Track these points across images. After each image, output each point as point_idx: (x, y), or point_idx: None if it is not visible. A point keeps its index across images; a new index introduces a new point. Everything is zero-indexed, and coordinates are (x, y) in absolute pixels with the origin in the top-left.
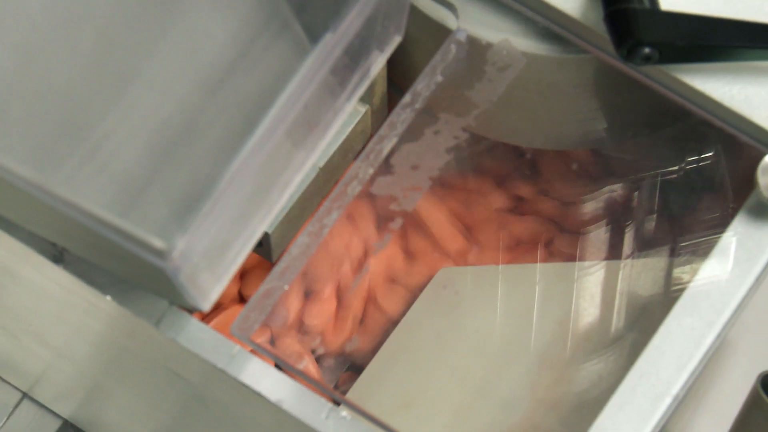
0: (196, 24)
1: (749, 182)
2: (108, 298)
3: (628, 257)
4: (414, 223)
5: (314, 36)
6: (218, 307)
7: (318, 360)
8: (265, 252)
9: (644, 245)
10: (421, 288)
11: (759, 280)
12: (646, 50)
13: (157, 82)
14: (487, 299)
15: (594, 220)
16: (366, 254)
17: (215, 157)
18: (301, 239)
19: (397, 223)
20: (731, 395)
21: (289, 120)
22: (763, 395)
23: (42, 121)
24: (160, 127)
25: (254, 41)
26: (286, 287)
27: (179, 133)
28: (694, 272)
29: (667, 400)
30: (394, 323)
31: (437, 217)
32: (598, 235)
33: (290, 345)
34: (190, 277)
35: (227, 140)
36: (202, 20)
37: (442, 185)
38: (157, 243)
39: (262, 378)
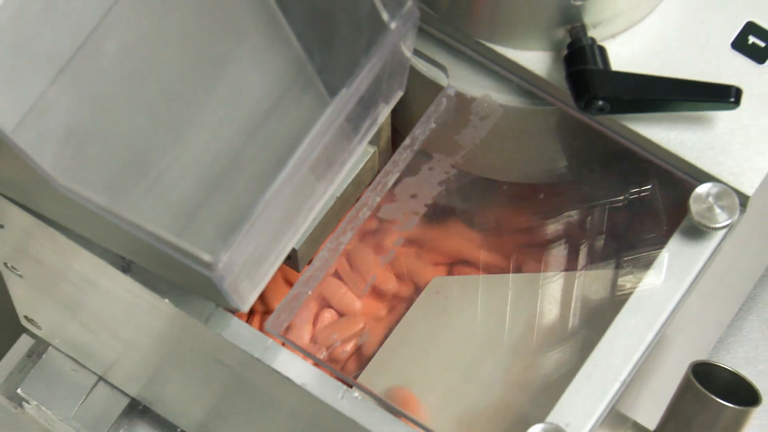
0: (238, 80)
1: (683, 209)
2: (166, 301)
3: (582, 269)
4: (412, 241)
5: (333, 91)
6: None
7: (335, 351)
8: (293, 264)
9: (596, 259)
10: (417, 294)
11: (690, 288)
12: (600, 103)
13: (207, 126)
14: (470, 302)
15: (555, 238)
16: (374, 266)
17: (253, 188)
18: (322, 254)
19: (399, 241)
20: (668, 380)
21: (312, 158)
22: (694, 380)
23: (113, 159)
24: (209, 163)
25: (285, 95)
26: (310, 292)
27: (224, 167)
28: (638, 281)
29: (617, 385)
30: (396, 322)
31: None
32: (559, 251)
33: (313, 339)
34: (232, 284)
35: (263, 174)
36: (243, 77)
37: (437, 211)
38: (206, 257)
39: (290, 365)
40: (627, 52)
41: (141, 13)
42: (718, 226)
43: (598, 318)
